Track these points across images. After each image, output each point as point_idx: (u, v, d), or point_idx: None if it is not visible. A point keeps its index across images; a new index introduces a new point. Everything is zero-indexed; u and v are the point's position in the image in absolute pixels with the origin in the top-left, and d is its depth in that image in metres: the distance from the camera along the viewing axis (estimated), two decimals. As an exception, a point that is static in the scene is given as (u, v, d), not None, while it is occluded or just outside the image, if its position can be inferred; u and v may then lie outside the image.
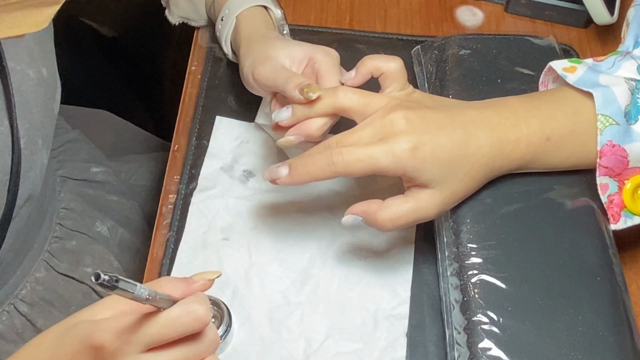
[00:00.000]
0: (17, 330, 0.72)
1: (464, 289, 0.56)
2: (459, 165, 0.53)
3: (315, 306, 0.62)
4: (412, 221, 0.55)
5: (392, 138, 0.52)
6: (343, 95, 0.54)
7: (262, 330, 0.61)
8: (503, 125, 0.55)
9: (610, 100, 0.56)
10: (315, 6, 0.83)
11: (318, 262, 0.64)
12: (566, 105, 0.57)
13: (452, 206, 0.56)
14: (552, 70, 0.62)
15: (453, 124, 0.54)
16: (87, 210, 0.80)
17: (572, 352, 0.52)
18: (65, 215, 0.78)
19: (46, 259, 0.74)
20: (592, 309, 0.54)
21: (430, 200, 0.54)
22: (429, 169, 0.52)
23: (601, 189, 0.58)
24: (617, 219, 0.59)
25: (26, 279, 0.72)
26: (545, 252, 0.57)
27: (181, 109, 0.74)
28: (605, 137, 0.56)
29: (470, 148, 0.54)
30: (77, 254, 0.77)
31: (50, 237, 0.76)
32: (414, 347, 0.60)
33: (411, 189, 0.55)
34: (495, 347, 0.53)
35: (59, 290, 0.75)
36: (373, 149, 0.52)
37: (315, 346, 0.60)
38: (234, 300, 0.62)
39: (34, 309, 0.72)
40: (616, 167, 0.57)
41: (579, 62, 0.60)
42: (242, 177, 0.69)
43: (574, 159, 0.58)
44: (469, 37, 0.69)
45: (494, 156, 0.55)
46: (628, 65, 0.59)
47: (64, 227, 0.77)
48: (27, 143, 0.61)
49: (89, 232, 0.79)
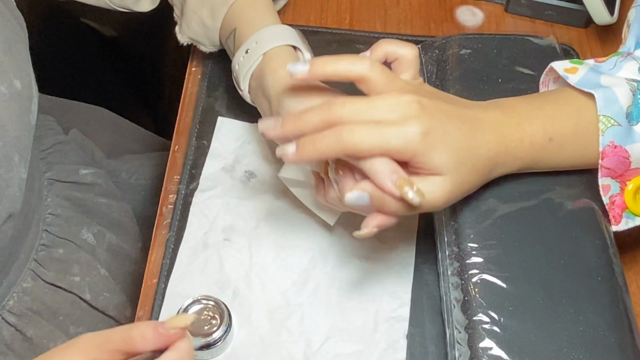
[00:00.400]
0: (6, 342, 0.70)
1: (464, 288, 0.56)
2: (468, 155, 0.53)
3: (316, 307, 0.62)
4: (420, 208, 0.52)
5: (405, 121, 0.51)
6: (371, 66, 0.52)
7: (262, 331, 0.61)
8: (507, 124, 0.55)
9: (612, 101, 0.56)
10: (315, 6, 0.83)
11: (319, 263, 0.64)
12: (568, 106, 0.57)
13: (458, 199, 0.55)
14: (553, 70, 0.62)
15: (461, 117, 0.53)
16: (73, 217, 0.78)
17: (572, 352, 0.52)
18: (52, 221, 0.76)
19: (33, 268, 0.72)
20: (592, 309, 0.54)
21: (440, 187, 0.52)
22: (438, 155, 0.51)
23: (603, 190, 0.58)
24: (619, 220, 0.59)
25: (13, 290, 0.70)
26: (546, 252, 0.57)
27: (181, 109, 0.74)
28: (607, 138, 0.56)
29: (477, 141, 0.53)
30: (64, 263, 0.75)
31: (36, 244, 0.73)
32: (413, 346, 0.60)
33: (421, 176, 0.52)
34: (496, 346, 0.53)
35: (46, 300, 0.73)
36: (385, 129, 0.50)
37: (315, 347, 0.60)
38: (234, 300, 0.62)
39: (21, 320, 0.71)
40: (618, 168, 0.57)
41: (580, 63, 0.60)
42: (244, 178, 0.69)
43: (575, 159, 0.58)
44: (469, 36, 0.69)
45: (499, 152, 0.55)
46: (629, 66, 0.59)
47: (51, 234, 0.75)
48: (1, 162, 0.59)
49: (76, 239, 0.77)
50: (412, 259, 0.64)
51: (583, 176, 0.60)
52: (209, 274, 0.63)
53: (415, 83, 0.55)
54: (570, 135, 0.57)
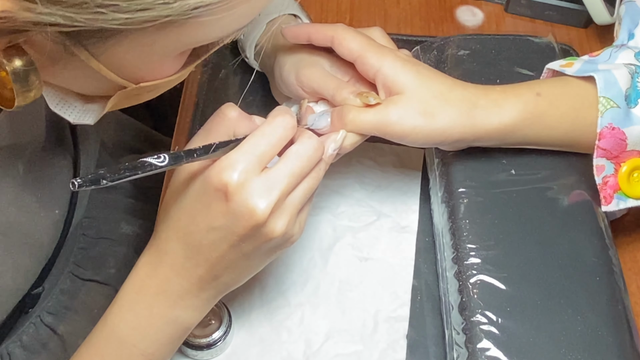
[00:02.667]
0: (43, 341, 0.70)
1: (462, 289, 0.56)
2: (437, 84, 0.55)
3: (316, 307, 0.62)
4: (379, 122, 0.54)
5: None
6: (342, 27, 0.57)
7: (262, 331, 0.61)
8: (490, 87, 0.58)
9: (612, 83, 0.56)
10: (315, 6, 0.83)
11: (319, 263, 0.64)
12: (567, 86, 0.58)
13: (436, 130, 0.55)
14: (549, 72, 0.62)
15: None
16: (110, 215, 0.79)
17: (570, 352, 0.52)
18: (88, 224, 0.77)
19: (71, 270, 0.74)
20: (591, 309, 0.54)
21: (404, 107, 0.54)
22: (404, 74, 0.54)
23: (597, 170, 0.58)
24: (609, 200, 0.59)
25: (52, 292, 0.71)
26: (544, 252, 0.57)
27: (181, 109, 0.74)
28: (606, 119, 0.56)
29: (452, 80, 0.57)
30: (100, 259, 0.76)
31: (75, 249, 0.75)
32: (413, 346, 0.60)
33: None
34: (494, 347, 0.53)
35: (81, 296, 0.74)
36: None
37: (315, 347, 0.60)
38: (234, 300, 0.62)
39: (56, 318, 0.71)
40: (614, 149, 0.57)
41: (575, 59, 0.60)
42: (243, 178, 0.69)
43: (569, 123, 0.57)
44: (468, 37, 0.69)
45: (478, 94, 0.56)
46: (624, 55, 0.59)
47: (87, 237, 0.76)
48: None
49: (113, 235, 0.78)
50: (412, 259, 0.64)
51: (582, 176, 0.60)
52: (209, 274, 0.63)
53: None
54: (560, 94, 0.57)
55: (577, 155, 0.61)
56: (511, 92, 0.57)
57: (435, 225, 0.64)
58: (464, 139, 0.56)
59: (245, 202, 0.46)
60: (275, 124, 0.48)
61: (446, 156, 0.62)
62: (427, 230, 0.65)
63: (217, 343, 0.58)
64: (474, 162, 0.61)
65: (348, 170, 0.69)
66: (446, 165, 0.62)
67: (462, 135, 0.56)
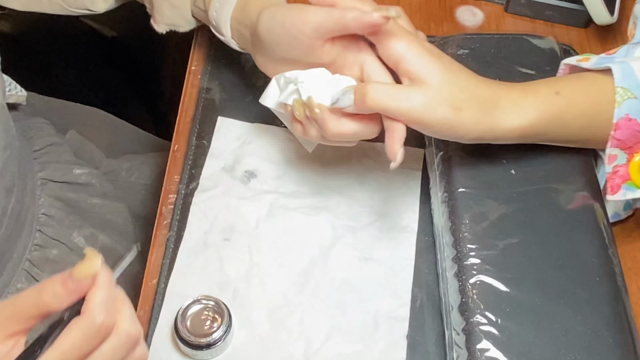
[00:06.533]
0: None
1: (462, 290, 0.56)
2: (463, 76, 0.55)
3: (316, 307, 0.62)
4: (404, 106, 0.53)
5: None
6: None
7: (262, 330, 0.61)
8: (511, 85, 0.57)
9: (629, 74, 0.56)
10: (315, 6, 0.83)
11: (319, 263, 0.64)
12: (583, 79, 0.58)
13: (457, 124, 0.54)
14: (566, 67, 0.62)
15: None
16: (66, 218, 0.78)
17: (570, 353, 0.52)
18: (45, 221, 0.76)
19: (27, 269, 0.72)
20: (590, 309, 0.54)
21: (424, 97, 0.53)
22: (430, 64, 0.54)
23: (609, 159, 0.58)
24: (617, 190, 0.59)
25: (7, 290, 0.70)
26: (544, 253, 0.57)
27: (181, 109, 0.74)
28: (623, 110, 0.56)
29: (477, 77, 0.56)
30: (58, 264, 0.74)
31: (30, 244, 0.73)
32: (414, 347, 0.60)
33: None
34: (494, 347, 0.53)
35: None
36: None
37: (315, 347, 0.60)
38: (234, 300, 0.62)
39: None
40: (629, 140, 0.57)
41: (591, 55, 0.61)
42: (244, 178, 0.69)
43: (586, 119, 0.57)
44: (467, 37, 0.69)
45: (499, 93, 0.56)
46: None
47: (44, 235, 0.75)
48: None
49: (67, 242, 0.77)
50: (412, 259, 0.64)
51: (582, 176, 0.60)
52: (209, 274, 0.63)
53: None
54: (579, 91, 0.57)
55: (578, 155, 0.61)
56: (531, 91, 0.56)
57: (435, 225, 0.64)
58: (483, 137, 0.56)
59: None
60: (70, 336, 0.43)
61: (446, 156, 0.62)
62: (427, 230, 0.65)
63: (217, 343, 0.58)
64: (474, 162, 0.61)
65: (348, 170, 0.69)
66: (446, 165, 0.62)
67: (482, 134, 0.55)
